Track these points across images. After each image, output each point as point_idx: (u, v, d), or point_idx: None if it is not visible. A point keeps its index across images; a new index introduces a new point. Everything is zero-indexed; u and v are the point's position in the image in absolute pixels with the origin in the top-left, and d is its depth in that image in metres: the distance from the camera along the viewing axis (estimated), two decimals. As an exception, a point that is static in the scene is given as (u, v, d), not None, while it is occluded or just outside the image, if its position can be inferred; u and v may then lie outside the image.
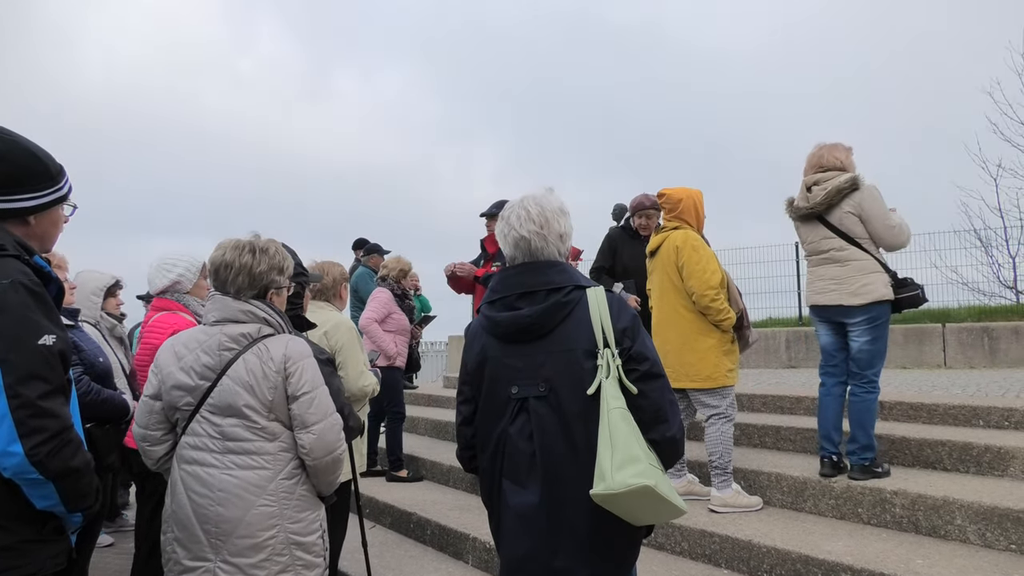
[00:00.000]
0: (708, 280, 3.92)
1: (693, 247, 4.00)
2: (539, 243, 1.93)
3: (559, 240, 1.96)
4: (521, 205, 1.97)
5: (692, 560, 3.60)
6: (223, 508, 2.05)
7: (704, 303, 3.90)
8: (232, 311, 2.18)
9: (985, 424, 4.30)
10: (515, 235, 1.94)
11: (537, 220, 1.93)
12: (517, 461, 1.87)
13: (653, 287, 4.26)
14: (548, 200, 1.98)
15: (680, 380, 3.95)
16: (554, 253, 1.95)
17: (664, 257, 4.10)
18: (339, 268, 3.54)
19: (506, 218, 1.98)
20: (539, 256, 1.94)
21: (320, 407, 2.14)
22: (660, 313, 4.14)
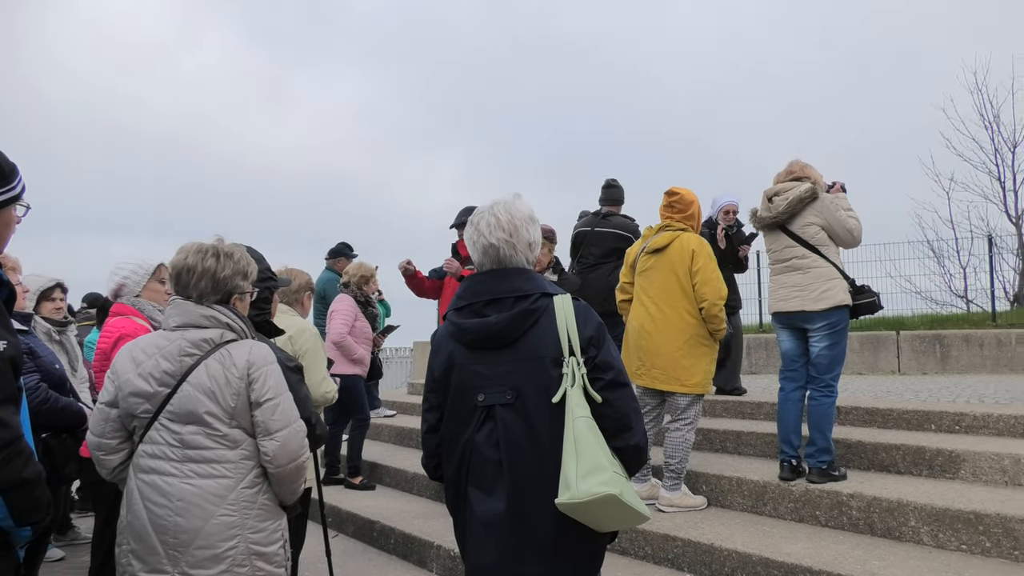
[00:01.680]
0: (720, 290, 4.00)
1: (709, 255, 4.06)
2: (507, 251, 1.93)
3: (527, 248, 1.96)
4: (491, 212, 1.96)
5: (655, 564, 3.63)
6: (182, 518, 2.00)
7: (713, 312, 3.97)
8: (194, 316, 2.13)
9: (937, 428, 4.43)
10: (484, 242, 1.94)
11: (506, 227, 1.93)
12: (483, 469, 1.86)
13: (650, 285, 4.14)
14: (518, 207, 1.98)
15: (671, 384, 4.01)
16: (522, 261, 1.96)
17: (675, 257, 4.05)
18: (305, 276, 3.54)
19: (475, 224, 1.98)
20: (507, 263, 1.94)
21: (284, 414, 2.11)
22: (661, 313, 4.05)
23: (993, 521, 3.12)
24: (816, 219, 3.93)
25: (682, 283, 4.01)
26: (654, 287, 4.12)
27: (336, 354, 5.33)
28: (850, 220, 3.94)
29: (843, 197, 4.06)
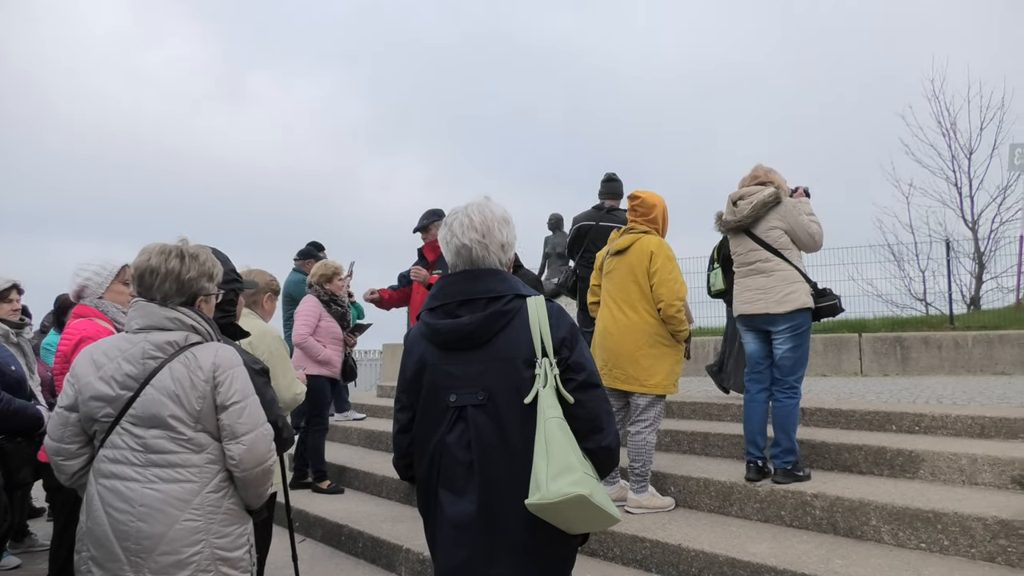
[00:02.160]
0: (677, 291, 4.02)
1: (668, 256, 4.09)
2: (480, 251, 1.93)
3: (500, 249, 1.97)
4: (464, 213, 1.97)
5: (624, 566, 3.66)
6: (144, 524, 1.96)
7: (671, 313, 3.99)
8: (157, 318, 2.09)
9: (897, 429, 4.53)
10: (457, 242, 1.95)
11: (480, 228, 1.94)
12: (454, 470, 1.86)
13: (613, 287, 4.17)
14: (491, 209, 1.99)
15: (631, 384, 4.03)
16: (495, 262, 1.96)
17: (635, 259, 4.09)
18: (266, 276, 3.43)
19: (449, 225, 1.98)
20: (480, 264, 1.95)
21: (251, 417, 2.08)
22: (623, 314, 4.08)
23: (951, 520, 3.20)
24: (779, 223, 4.01)
25: (641, 284, 4.06)
26: (616, 289, 4.16)
27: (300, 356, 5.27)
28: (812, 225, 4.02)
29: (806, 202, 4.14)
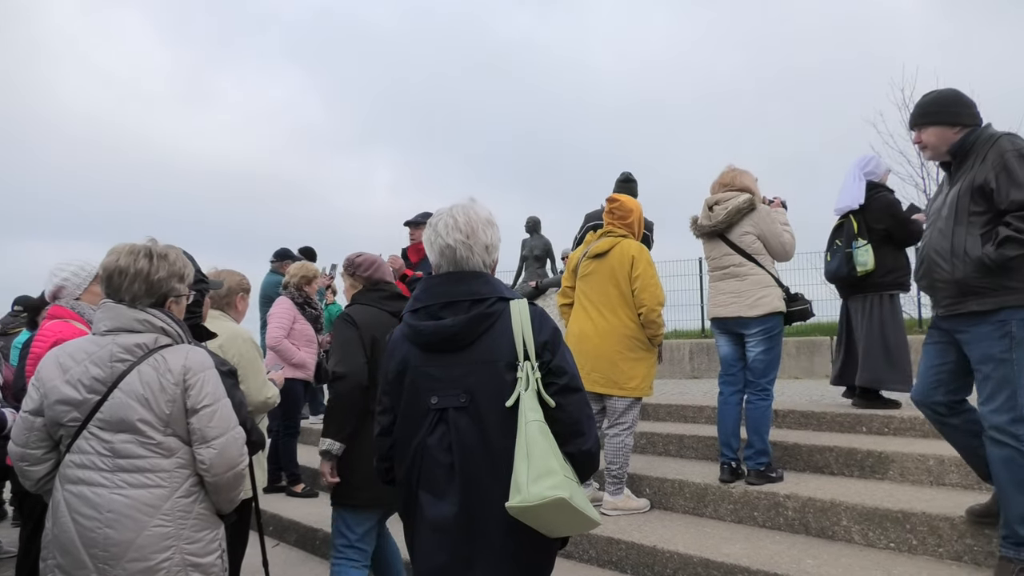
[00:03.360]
0: (659, 296, 4.07)
1: (648, 261, 4.11)
2: (464, 252, 1.93)
3: (485, 251, 1.97)
4: (449, 213, 1.97)
5: (599, 567, 3.67)
6: (112, 530, 1.92)
7: (652, 318, 4.02)
8: (126, 320, 2.05)
9: (868, 431, 4.60)
10: (441, 243, 1.94)
11: (464, 229, 1.93)
12: (435, 472, 1.85)
13: (591, 290, 4.17)
14: (476, 210, 1.99)
15: (608, 387, 4.05)
16: (479, 264, 1.96)
17: (616, 263, 4.09)
18: (237, 277, 3.37)
19: (433, 225, 1.98)
20: (464, 266, 1.94)
21: (222, 420, 2.05)
22: (602, 318, 4.09)
23: (919, 519, 3.26)
24: (752, 229, 4.06)
25: (622, 288, 4.06)
26: (595, 292, 4.16)
27: (274, 358, 5.21)
28: (784, 234, 4.09)
29: (782, 212, 4.22)
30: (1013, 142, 2.76)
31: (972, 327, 2.81)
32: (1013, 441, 2.71)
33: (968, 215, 2.80)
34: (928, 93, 3.04)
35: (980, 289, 2.75)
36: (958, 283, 2.80)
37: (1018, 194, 2.67)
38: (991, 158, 2.76)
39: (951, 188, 2.91)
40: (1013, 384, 2.72)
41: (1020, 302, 2.71)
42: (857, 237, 4.82)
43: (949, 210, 2.87)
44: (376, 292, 3.06)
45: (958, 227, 2.81)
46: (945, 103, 2.94)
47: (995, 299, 2.73)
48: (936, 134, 2.94)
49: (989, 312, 2.74)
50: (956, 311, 2.84)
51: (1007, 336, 2.72)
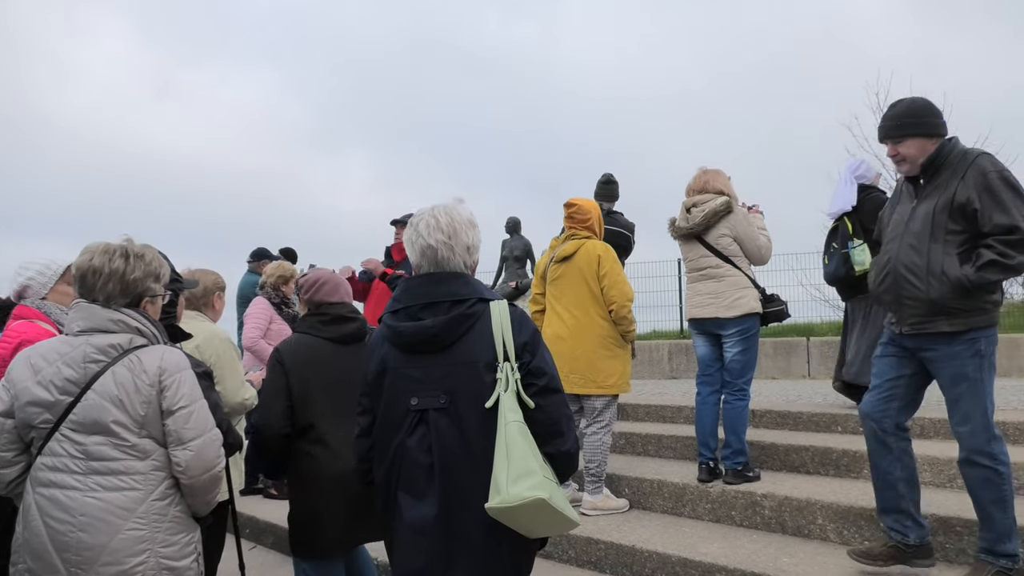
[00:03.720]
0: (627, 292, 4.11)
1: (614, 259, 4.15)
2: (446, 253, 1.93)
3: (466, 252, 1.97)
4: (431, 214, 1.96)
5: (578, 567, 3.68)
6: (85, 534, 1.89)
7: (623, 314, 4.06)
8: (100, 320, 2.02)
9: (843, 430, 4.67)
10: (422, 243, 1.94)
11: (446, 230, 1.93)
12: (414, 474, 1.85)
13: (561, 292, 4.19)
14: (458, 211, 1.99)
15: (587, 387, 4.07)
16: (460, 264, 1.96)
17: (583, 264, 4.13)
18: (212, 276, 3.32)
19: (415, 225, 1.97)
20: (445, 266, 1.94)
21: (198, 422, 2.02)
22: (574, 319, 4.12)
23: (892, 517, 3.30)
24: (728, 231, 4.11)
25: (591, 288, 4.11)
26: (566, 295, 4.19)
27: (251, 359, 5.15)
28: (760, 237, 4.15)
29: (759, 216, 4.28)
30: (993, 163, 2.75)
31: (941, 346, 2.79)
32: (989, 461, 2.73)
33: (945, 233, 2.75)
34: (898, 103, 2.97)
35: (953, 310, 2.73)
36: (932, 302, 2.76)
37: (1002, 218, 2.64)
38: (972, 177, 2.72)
39: (921, 202, 2.86)
40: (983, 403, 2.73)
41: (988, 322, 2.74)
42: (852, 237, 4.82)
43: (923, 226, 2.82)
44: (316, 317, 2.77)
45: (934, 244, 2.77)
46: (923, 113, 2.89)
47: (966, 320, 2.72)
48: (917, 146, 2.87)
49: (960, 332, 2.74)
50: (924, 330, 2.81)
51: (978, 355, 2.73)
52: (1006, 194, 2.67)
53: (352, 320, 2.76)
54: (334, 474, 2.56)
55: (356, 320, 2.77)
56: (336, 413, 2.59)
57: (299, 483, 2.69)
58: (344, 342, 2.71)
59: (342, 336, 2.71)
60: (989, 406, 2.75)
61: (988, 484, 2.75)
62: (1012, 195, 2.67)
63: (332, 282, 2.82)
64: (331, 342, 2.70)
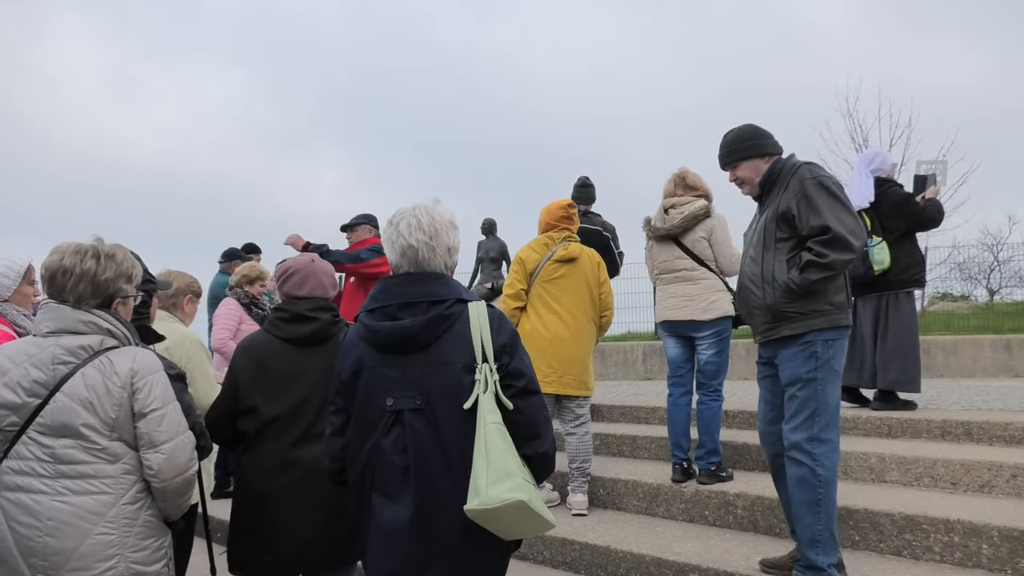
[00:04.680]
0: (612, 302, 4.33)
1: (605, 268, 4.31)
2: (427, 253, 1.92)
3: (447, 252, 1.96)
4: (412, 213, 1.95)
5: (553, 568, 3.69)
6: (53, 539, 1.85)
7: (610, 320, 4.27)
8: (70, 321, 1.98)
9: (813, 430, 4.73)
10: (403, 243, 1.93)
11: (427, 230, 1.93)
12: (389, 475, 1.84)
13: (562, 293, 4.18)
14: (439, 211, 1.98)
15: (579, 388, 4.15)
16: (440, 265, 1.95)
17: (587, 268, 4.19)
18: (187, 279, 3.27)
19: (395, 224, 1.96)
20: (425, 267, 1.94)
21: (171, 425, 2.00)
22: (575, 321, 4.15)
23: (861, 516, 3.37)
24: (705, 235, 4.15)
25: (592, 293, 4.21)
26: (567, 296, 4.17)
27: (220, 360, 5.09)
28: (733, 246, 4.19)
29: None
30: (812, 171, 2.87)
31: (783, 350, 2.88)
32: (808, 459, 2.78)
33: (775, 241, 2.89)
34: (727, 133, 3.12)
35: (790, 314, 2.83)
36: (770, 308, 2.87)
37: (817, 219, 2.76)
38: (793, 186, 2.86)
39: (760, 217, 3.03)
40: (815, 403, 2.79)
41: (826, 324, 2.79)
42: (871, 235, 4.77)
43: (759, 238, 2.96)
44: (278, 312, 2.54)
45: (767, 253, 2.91)
46: (749, 137, 3.05)
47: (805, 323, 2.81)
48: (750, 167, 3.04)
49: (799, 335, 2.82)
50: (771, 336, 2.92)
51: (813, 356, 2.79)
52: (820, 198, 2.79)
53: (311, 320, 2.47)
54: (265, 491, 2.37)
55: (317, 320, 2.48)
56: (279, 422, 2.38)
57: (234, 494, 2.54)
58: (299, 344, 2.46)
59: (296, 338, 2.45)
60: (821, 408, 2.78)
61: (803, 483, 2.79)
62: (826, 198, 2.79)
63: (302, 273, 2.56)
64: (286, 343, 2.47)
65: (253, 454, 2.41)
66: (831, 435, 2.79)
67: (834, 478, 2.79)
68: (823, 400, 2.79)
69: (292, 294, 2.54)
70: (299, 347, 2.46)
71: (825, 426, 2.78)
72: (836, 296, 2.82)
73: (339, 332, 2.51)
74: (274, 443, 2.39)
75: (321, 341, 2.47)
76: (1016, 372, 7.77)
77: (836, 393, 2.82)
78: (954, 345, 8.07)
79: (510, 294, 4.30)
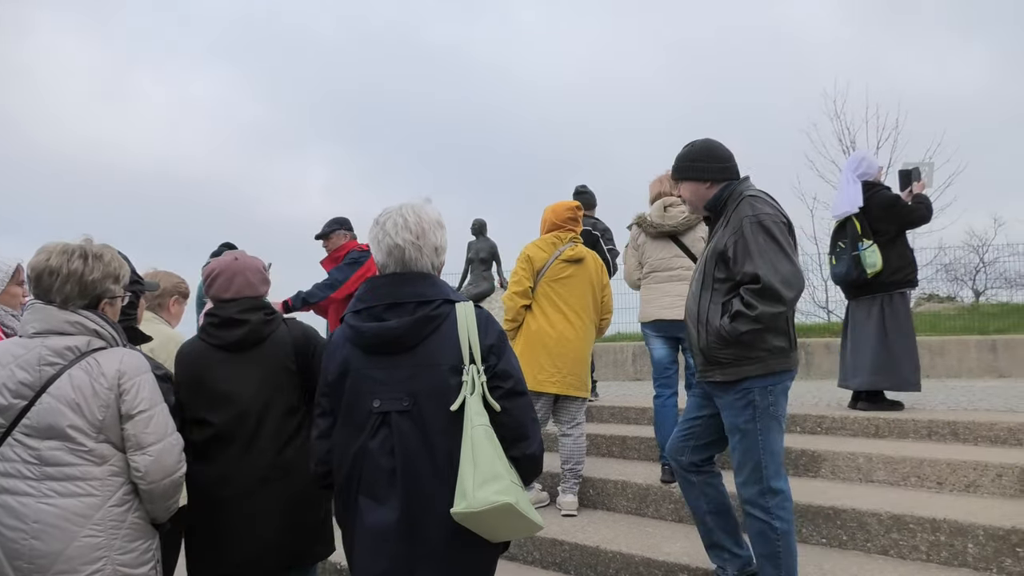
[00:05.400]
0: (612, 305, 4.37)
1: (607, 271, 4.38)
2: (413, 253, 1.91)
3: (434, 252, 1.95)
4: (399, 212, 1.94)
5: (543, 569, 3.69)
6: (39, 541, 1.84)
7: (609, 323, 4.32)
8: (57, 322, 1.97)
9: (801, 430, 4.77)
10: (389, 242, 1.91)
11: (414, 229, 1.91)
12: (376, 477, 1.82)
13: (570, 294, 4.15)
14: (426, 211, 1.97)
15: (580, 389, 4.17)
16: (427, 265, 1.94)
17: (591, 271, 4.21)
18: (174, 279, 3.23)
19: (381, 224, 1.94)
20: (412, 267, 1.92)
21: (158, 426, 1.98)
22: (581, 322, 4.15)
23: (849, 516, 3.39)
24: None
25: (596, 295, 4.25)
26: (573, 296, 4.15)
27: None
28: None
29: None
30: (754, 206, 2.62)
31: (720, 394, 2.73)
32: (763, 514, 2.64)
33: (713, 281, 2.70)
34: (686, 145, 2.91)
35: (723, 359, 2.65)
36: (703, 351, 2.71)
37: (748, 266, 2.55)
38: (733, 222, 2.65)
39: (707, 247, 2.82)
40: (757, 455, 2.63)
41: (760, 371, 2.61)
42: (862, 239, 4.78)
43: (699, 273, 2.79)
44: (209, 318, 2.42)
45: (704, 292, 2.73)
46: (694, 158, 2.83)
47: (737, 369, 2.63)
48: (690, 189, 2.85)
49: (733, 382, 2.65)
50: (707, 378, 2.76)
51: (750, 406, 2.63)
52: (756, 241, 2.55)
53: (241, 323, 2.35)
54: (214, 502, 2.29)
55: (247, 323, 2.35)
56: (223, 430, 2.30)
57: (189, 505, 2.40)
58: (232, 349, 2.35)
59: (227, 343, 2.34)
60: (766, 458, 2.63)
61: (761, 537, 2.66)
62: (763, 241, 2.56)
63: (227, 273, 2.42)
64: (220, 349, 2.36)
65: (200, 465, 2.28)
66: (781, 484, 2.65)
67: (790, 528, 2.65)
68: (766, 449, 2.63)
69: (219, 297, 2.43)
70: (234, 352, 2.36)
71: (772, 475, 2.64)
72: (776, 341, 2.62)
73: (275, 331, 2.41)
74: (219, 453, 2.29)
75: (256, 343, 2.37)
76: (1001, 372, 7.85)
77: (778, 440, 2.67)
78: (940, 346, 8.14)
79: (518, 291, 4.18)
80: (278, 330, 2.42)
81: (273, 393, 2.33)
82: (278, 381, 2.35)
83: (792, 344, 2.69)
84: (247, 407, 2.31)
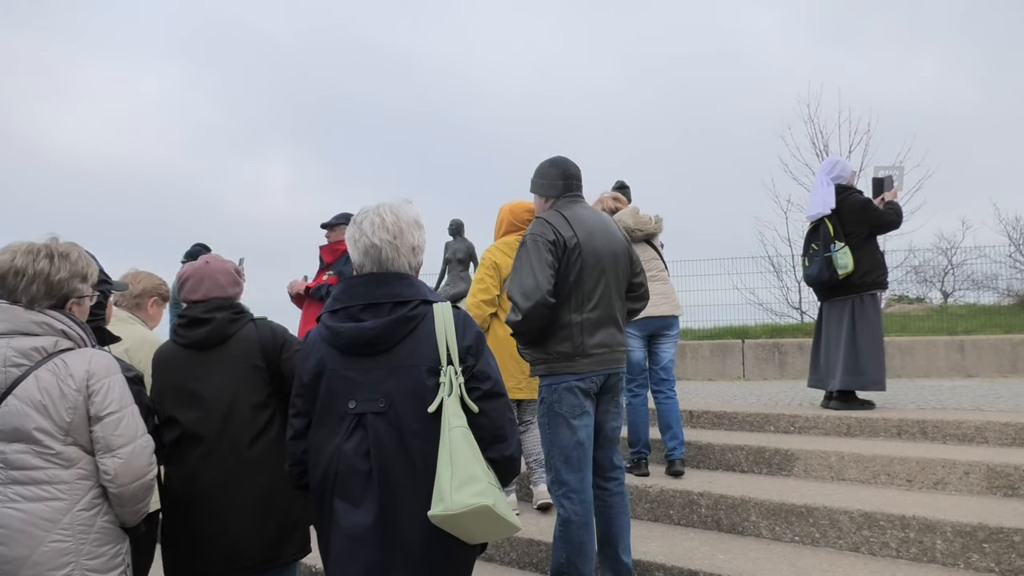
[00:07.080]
0: None
1: None
2: (390, 253, 1.89)
3: (411, 252, 1.93)
4: (376, 212, 1.92)
5: (520, 569, 3.69)
6: (4, 547, 1.79)
7: None
8: (23, 322, 1.92)
9: (775, 429, 4.83)
10: (366, 242, 1.89)
11: (391, 229, 1.90)
12: (351, 479, 1.80)
13: None
14: (405, 210, 1.95)
15: None
16: (404, 265, 1.93)
17: None
18: (154, 280, 3.16)
19: (358, 223, 1.92)
20: (389, 267, 1.91)
21: (128, 428, 1.95)
22: None
23: (821, 513, 3.44)
24: (663, 239, 4.50)
25: None
26: None
27: None
28: None
29: None
30: (533, 228, 2.84)
31: None
32: (555, 501, 2.86)
33: None
34: None
35: (527, 359, 2.95)
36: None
37: (511, 285, 2.79)
38: None
39: None
40: (548, 446, 2.85)
41: (545, 372, 2.85)
42: (835, 240, 4.88)
43: None
44: (178, 320, 2.46)
45: None
46: (537, 174, 3.06)
47: (534, 369, 2.91)
48: (535, 202, 3.12)
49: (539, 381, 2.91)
50: None
51: (542, 401, 2.87)
52: (519, 255, 2.81)
53: (206, 322, 2.39)
54: (184, 501, 2.30)
55: (212, 321, 2.38)
56: (190, 430, 2.31)
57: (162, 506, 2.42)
58: (199, 347, 2.39)
59: (193, 342, 2.38)
60: (554, 451, 2.82)
61: (556, 521, 2.86)
62: (522, 255, 2.79)
63: (196, 276, 2.48)
64: (188, 349, 2.41)
65: (170, 466, 2.33)
66: (567, 476, 2.80)
67: (572, 518, 2.78)
68: (554, 442, 2.81)
69: (189, 299, 2.48)
70: (201, 351, 2.38)
71: (560, 468, 2.81)
72: (559, 347, 2.80)
73: (241, 329, 2.42)
74: (188, 451, 2.31)
75: (221, 342, 2.39)
76: (968, 372, 8.01)
77: (565, 435, 2.80)
78: (910, 346, 8.29)
79: (486, 299, 4.11)
80: (244, 328, 2.42)
81: (239, 390, 2.33)
82: (244, 378, 2.35)
83: (578, 351, 2.81)
84: (213, 404, 2.31)
